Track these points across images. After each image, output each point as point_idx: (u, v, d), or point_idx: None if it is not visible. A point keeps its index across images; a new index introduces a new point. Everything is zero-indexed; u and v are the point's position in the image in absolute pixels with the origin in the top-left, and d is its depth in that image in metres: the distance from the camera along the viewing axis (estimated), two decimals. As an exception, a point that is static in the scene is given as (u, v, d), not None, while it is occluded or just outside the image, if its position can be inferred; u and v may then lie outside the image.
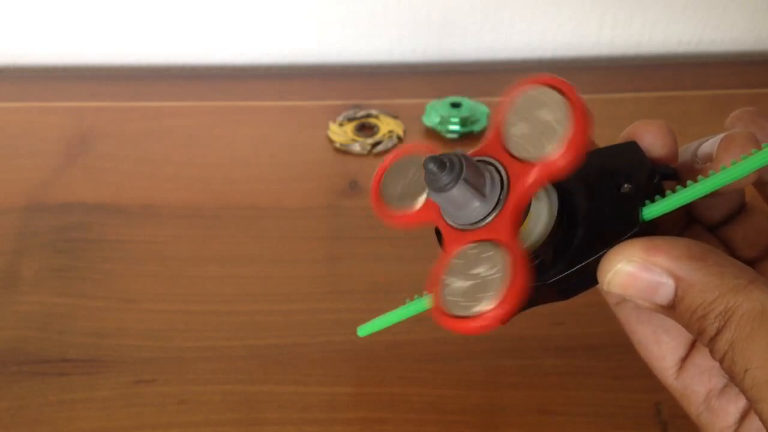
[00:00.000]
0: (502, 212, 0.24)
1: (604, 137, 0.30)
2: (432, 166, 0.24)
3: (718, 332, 0.23)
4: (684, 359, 0.28)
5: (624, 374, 0.43)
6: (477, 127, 0.60)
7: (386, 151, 0.58)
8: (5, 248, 0.51)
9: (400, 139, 0.59)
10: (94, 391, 0.42)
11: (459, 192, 0.24)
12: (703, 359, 0.28)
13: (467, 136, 0.59)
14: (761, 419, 0.22)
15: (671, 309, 0.24)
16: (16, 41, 0.69)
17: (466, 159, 0.24)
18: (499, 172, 0.25)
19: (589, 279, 0.25)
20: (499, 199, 0.25)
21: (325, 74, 0.69)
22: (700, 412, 0.28)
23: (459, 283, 0.24)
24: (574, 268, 0.25)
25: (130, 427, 0.41)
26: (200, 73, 0.69)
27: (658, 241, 0.24)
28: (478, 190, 0.24)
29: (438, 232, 0.26)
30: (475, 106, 0.61)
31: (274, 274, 0.49)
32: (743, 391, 0.22)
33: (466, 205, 0.25)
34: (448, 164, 0.24)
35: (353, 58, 0.70)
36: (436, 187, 0.24)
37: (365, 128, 0.60)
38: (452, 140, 0.59)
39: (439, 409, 0.41)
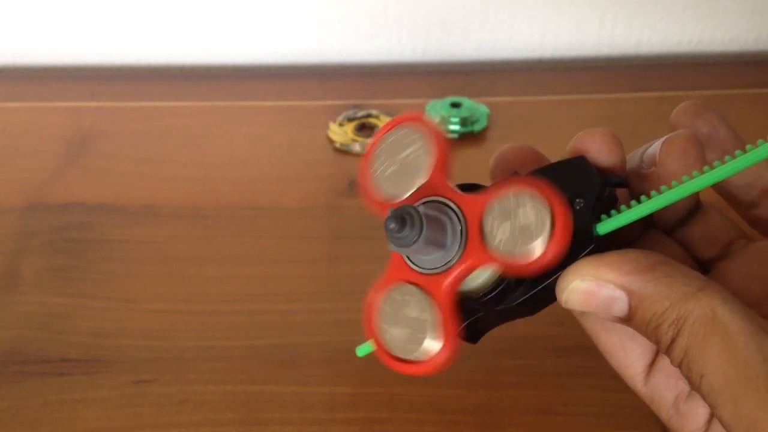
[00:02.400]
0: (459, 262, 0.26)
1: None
2: (393, 225, 0.25)
3: (673, 340, 0.23)
4: (650, 365, 0.28)
5: (624, 374, 0.43)
6: (477, 127, 0.60)
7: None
8: (5, 248, 0.51)
9: (400, 139, 0.59)
10: (94, 391, 0.42)
11: (420, 247, 0.25)
12: (668, 364, 0.28)
13: (467, 136, 0.59)
14: (722, 423, 0.22)
15: (629, 320, 0.25)
16: (16, 41, 0.69)
17: (426, 215, 0.25)
18: (456, 214, 0.26)
19: (552, 295, 0.26)
20: (459, 246, 0.26)
21: (325, 74, 0.69)
22: (670, 417, 0.28)
23: (395, 330, 0.26)
24: (534, 291, 0.26)
25: (129, 427, 0.41)
26: (200, 73, 0.69)
27: (609, 257, 0.25)
28: (439, 242, 0.25)
29: None
30: (475, 106, 0.61)
31: (274, 274, 0.49)
32: (702, 396, 0.23)
33: (428, 255, 0.26)
34: (408, 221, 0.25)
35: (353, 58, 0.70)
36: (398, 245, 0.25)
37: (365, 128, 0.60)
38: (452, 140, 0.59)
39: (439, 409, 0.41)
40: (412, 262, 0.27)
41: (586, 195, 0.26)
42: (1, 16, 0.68)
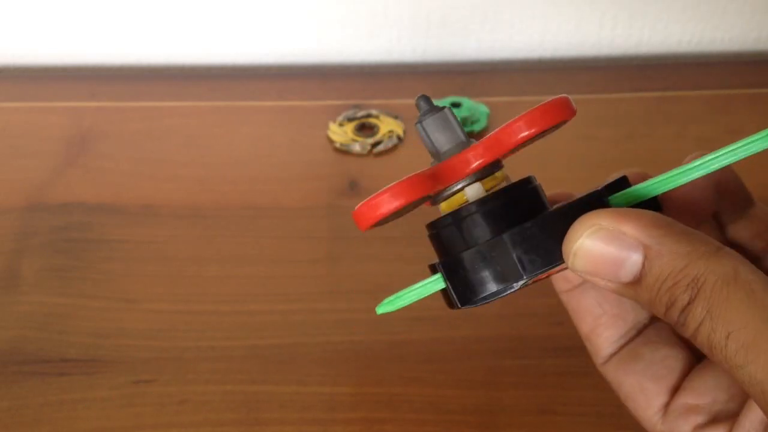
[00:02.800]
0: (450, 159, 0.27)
1: (605, 137, 0.30)
2: (421, 102, 0.29)
3: (691, 301, 0.22)
4: (667, 404, 0.29)
5: (624, 374, 0.43)
6: (477, 127, 0.60)
7: (386, 151, 0.58)
8: (5, 248, 0.51)
9: (400, 139, 0.59)
10: (94, 391, 0.42)
11: (432, 124, 0.28)
12: (684, 399, 0.29)
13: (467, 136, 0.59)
14: (750, 383, 0.21)
15: (636, 285, 0.24)
16: (16, 41, 0.69)
17: (449, 110, 0.29)
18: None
19: (556, 254, 0.25)
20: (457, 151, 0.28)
21: (325, 74, 0.69)
22: None
23: None
24: (532, 220, 0.25)
25: (129, 427, 0.41)
26: (200, 73, 0.69)
27: (627, 210, 0.24)
28: (452, 129, 0.28)
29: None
30: (475, 106, 0.61)
31: (274, 274, 0.49)
32: (725, 360, 0.22)
33: (433, 140, 0.28)
34: (431, 102, 0.29)
35: (353, 58, 0.70)
36: (422, 114, 0.28)
37: (365, 128, 0.60)
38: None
39: (439, 409, 0.41)
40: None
41: (609, 184, 0.26)
42: (1, 16, 0.68)
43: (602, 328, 0.31)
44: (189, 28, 0.69)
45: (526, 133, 0.26)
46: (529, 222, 0.25)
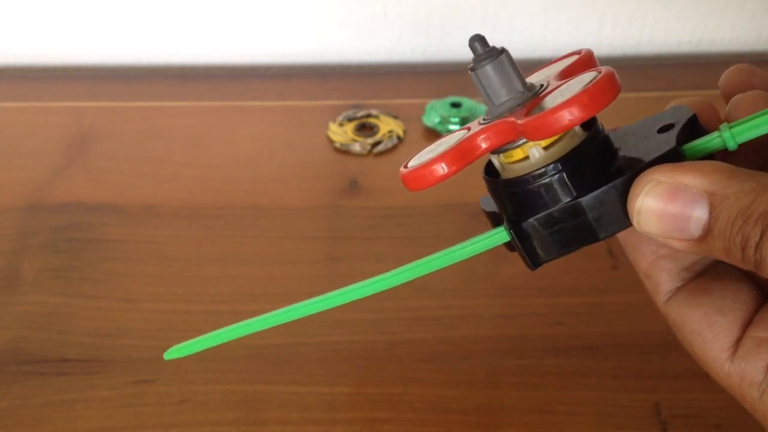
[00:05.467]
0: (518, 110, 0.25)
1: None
2: (476, 43, 0.26)
3: (763, 234, 0.22)
4: (737, 341, 0.27)
5: (624, 374, 0.43)
6: (477, 127, 0.60)
7: (386, 151, 0.58)
8: (5, 248, 0.51)
9: (400, 139, 0.59)
10: (94, 391, 0.42)
11: (491, 71, 0.26)
12: (757, 332, 0.27)
13: (467, 136, 0.59)
14: None
15: (705, 239, 0.23)
16: (16, 41, 0.69)
17: (507, 52, 0.26)
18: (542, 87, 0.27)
19: (624, 217, 0.25)
20: (524, 101, 0.26)
21: (325, 74, 0.69)
22: (762, 391, 0.26)
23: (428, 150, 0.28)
24: (606, 186, 0.24)
25: (129, 427, 0.41)
26: (200, 73, 0.69)
27: (687, 162, 0.24)
28: (509, 78, 0.26)
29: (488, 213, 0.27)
30: (475, 106, 0.61)
31: (274, 274, 0.49)
32: None
33: (494, 87, 0.26)
34: (490, 46, 0.26)
35: (353, 58, 0.70)
36: (475, 61, 0.26)
37: (365, 128, 0.60)
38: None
39: (439, 409, 0.41)
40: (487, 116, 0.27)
41: (676, 124, 0.26)
42: (1, 16, 0.68)
43: (664, 260, 0.28)
44: (189, 28, 0.68)
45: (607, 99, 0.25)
46: (603, 188, 0.24)
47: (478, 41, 0.26)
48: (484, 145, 0.25)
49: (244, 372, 0.43)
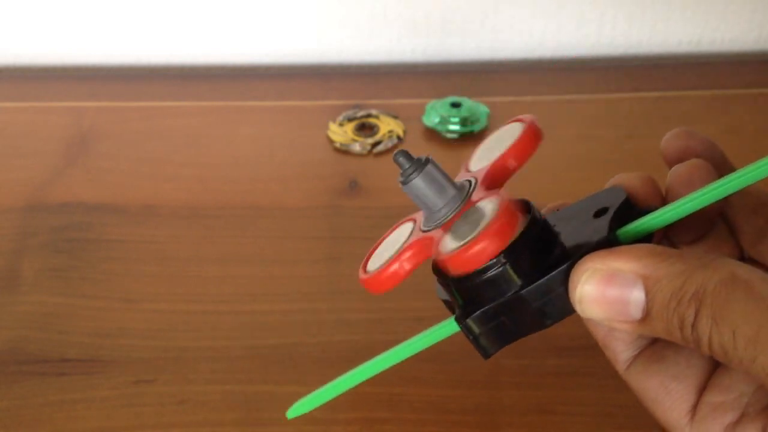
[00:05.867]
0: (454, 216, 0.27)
1: (605, 137, 0.30)
2: (401, 158, 0.27)
3: (697, 313, 0.22)
4: (694, 406, 0.28)
5: (624, 374, 0.43)
6: (477, 127, 0.60)
7: (386, 151, 0.58)
8: (5, 248, 0.51)
9: (400, 139, 0.59)
10: (94, 391, 0.42)
11: (421, 183, 0.27)
12: (712, 397, 0.28)
13: (467, 136, 0.59)
14: (762, 379, 0.22)
15: (647, 320, 0.24)
16: (16, 41, 0.69)
17: (432, 162, 0.27)
18: (470, 185, 0.28)
19: (569, 303, 0.25)
20: (457, 205, 0.27)
21: (325, 74, 0.69)
22: None
23: (381, 251, 0.30)
24: (546, 277, 0.25)
25: (130, 427, 0.41)
26: (200, 73, 0.69)
27: (620, 247, 0.24)
28: (440, 186, 0.27)
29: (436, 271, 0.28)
30: (475, 106, 0.61)
31: (274, 274, 0.49)
32: (738, 360, 0.22)
33: (428, 199, 0.27)
34: (414, 159, 0.27)
35: (353, 58, 0.70)
36: (402, 178, 0.27)
37: (365, 128, 0.60)
38: (452, 140, 0.59)
39: (439, 409, 0.41)
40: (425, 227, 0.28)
41: (610, 208, 0.26)
42: (1, 16, 0.68)
43: (616, 331, 0.30)
44: (189, 28, 0.69)
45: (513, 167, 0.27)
46: (543, 279, 0.25)
47: (402, 156, 0.27)
48: (408, 266, 0.27)
49: (244, 372, 0.43)
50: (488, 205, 0.26)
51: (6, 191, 0.55)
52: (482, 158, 0.29)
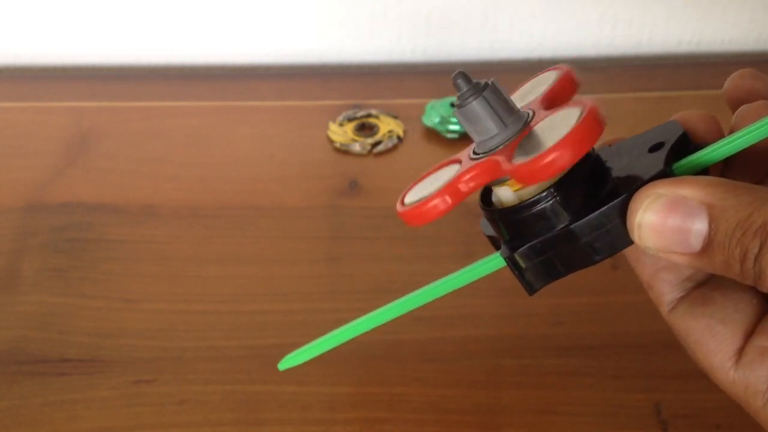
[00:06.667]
0: (511, 143, 0.25)
1: (604, 137, 0.30)
2: (459, 80, 0.26)
3: (762, 246, 0.22)
4: (740, 349, 0.27)
5: (624, 374, 0.43)
6: (477, 127, 0.59)
7: (386, 151, 0.58)
8: (5, 248, 0.51)
9: (400, 139, 0.59)
10: (94, 391, 0.42)
11: (477, 108, 0.26)
12: (760, 341, 0.27)
13: (467, 136, 0.59)
14: None
15: (706, 252, 0.23)
16: (16, 41, 0.69)
17: (493, 85, 0.26)
18: (529, 116, 0.26)
19: (620, 237, 0.25)
20: (516, 132, 0.26)
21: (325, 74, 0.69)
22: (766, 399, 0.26)
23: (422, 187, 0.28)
24: (598, 211, 0.24)
25: (130, 427, 0.41)
26: (200, 73, 0.69)
27: (686, 177, 0.24)
28: (496, 113, 0.26)
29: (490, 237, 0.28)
30: (475, 106, 0.61)
31: (274, 274, 0.49)
32: None
33: (481, 123, 0.26)
34: (473, 82, 0.26)
35: (353, 58, 0.70)
36: (458, 100, 0.26)
37: (365, 128, 0.60)
38: (452, 140, 0.59)
39: (439, 409, 0.41)
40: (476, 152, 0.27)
41: (666, 143, 0.26)
42: (1, 16, 0.68)
43: (665, 271, 0.29)
44: (189, 28, 0.69)
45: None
46: (595, 213, 0.25)
47: (461, 78, 0.26)
48: (471, 185, 0.26)
49: (244, 372, 0.43)
50: (572, 114, 0.25)
51: (6, 191, 0.55)
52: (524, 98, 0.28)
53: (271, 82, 0.67)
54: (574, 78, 0.27)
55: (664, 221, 0.23)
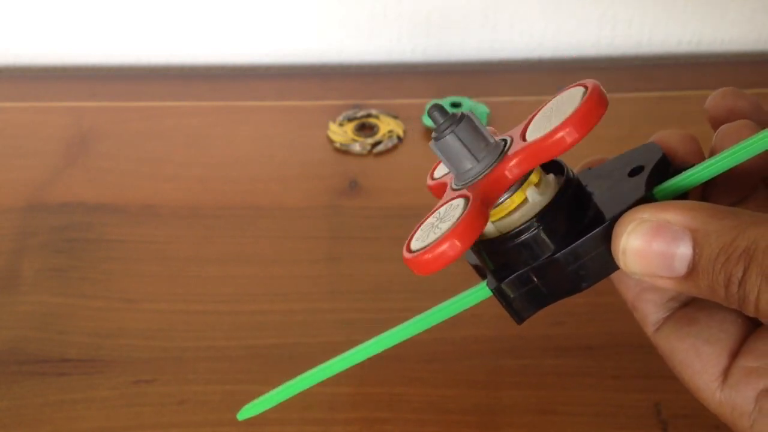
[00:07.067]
0: (489, 174, 0.25)
1: (604, 137, 0.30)
2: (435, 113, 0.26)
3: (746, 270, 0.22)
4: (726, 370, 0.27)
5: (624, 374, 0.43)
6: (477, 127, 0.59)
7: (386, 151, 0.58)
8: (5, 248, 0.51)
9: (399, 139, 0.59)
10: (94, 391, 0.42)
11: (451, 142, 0.25)
12: (745, 361, 0.27)
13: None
14: None
15: (691, 276, 0.23)
16: (16, 41, 0.69)
17: (468, 118, 0.26)
18: (506, 144, 0.26)
19: (606, 264, 0.25)
20: (491, 164, 0.25)
21: (325, 74, 0.69)
22: (753, 420, 0.26)
23: (425, 230, 0.26)
24: (582, 239, 0.25)
25: (130, 427, 0.41)
26: (200, 73, 0.69)
27: (669, 202, 0.24)
28: (470, 147, 0.25)
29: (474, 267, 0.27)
30: (475, 106, 0.61)
31: (274, 274, 0.49)
32: None
33: (457, 158, 0.26)
34: (449, 115, 0.26)
35: (353, 58, 0.70)
36: (434, 135, 0.26)
37: (365, 128, 0.60)
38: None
39: (439, 409, 0.41)
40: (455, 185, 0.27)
41: (646, 166, 0.26)
42: (1, 16, 0.68)
43: (648, 292, 0.29)
44: (189, 28, 0.69)
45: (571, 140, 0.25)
46: (579, 241, 0.25)
47: (437, 111, 0.26)
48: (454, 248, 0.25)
49: (244, 372, 0.43)
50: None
51: (6, 191, 0.55)
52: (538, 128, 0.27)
53: (271, 82, 0.67)
54: (603, 96, 0.26)
55: (649, 246, 0.23)
